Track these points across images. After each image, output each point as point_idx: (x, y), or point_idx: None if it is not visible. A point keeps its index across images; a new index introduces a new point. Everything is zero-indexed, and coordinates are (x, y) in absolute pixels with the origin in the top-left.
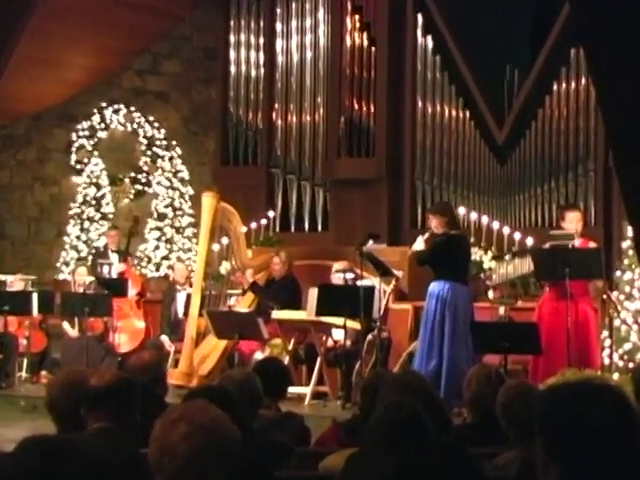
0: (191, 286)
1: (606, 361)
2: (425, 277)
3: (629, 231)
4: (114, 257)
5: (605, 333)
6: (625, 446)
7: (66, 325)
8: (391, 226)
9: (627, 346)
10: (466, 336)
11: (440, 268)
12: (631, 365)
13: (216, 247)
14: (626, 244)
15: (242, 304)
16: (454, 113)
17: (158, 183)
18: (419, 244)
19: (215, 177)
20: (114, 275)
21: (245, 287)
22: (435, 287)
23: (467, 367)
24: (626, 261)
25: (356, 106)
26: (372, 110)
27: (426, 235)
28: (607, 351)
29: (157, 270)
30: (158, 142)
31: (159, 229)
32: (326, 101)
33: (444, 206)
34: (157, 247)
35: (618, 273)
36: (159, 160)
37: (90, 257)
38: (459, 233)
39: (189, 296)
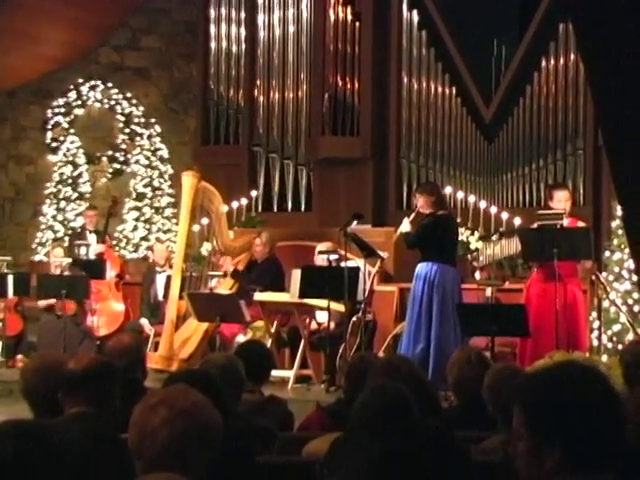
0: (171, 268)
1: (595, 343)
2: (411, 258)
3: (618, 210)
4: (92, 238)
5: (594, 314)
6: (613, 426)
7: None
8: (376, 206)
9: (616, 327)
10: (454, 319)
11: (427, 249)
12: (620, 347)
13: (197, 228)
14: (615, 224)
15: (223, 286)
16: (440, 90)
17: (137, 162)
18: (405, 226)
19: (195, 156)
20: (92, 256)
21: (226, 273)
22: (422, 269)
23: (453, 350)
24: (615, 241)
25: (340, 83)
26: (357, 87)
27: (412, 216)
28: (596, 333)
29: (136, 251)
30: (137, 120)
31: (138, 209)
32: (309, 77)
33: (431, 186)
34: (136, 228)
35: (607, 253)
36: (138, 138)
37: (67, 238)
38: (446, 213)
39: (169, 278)
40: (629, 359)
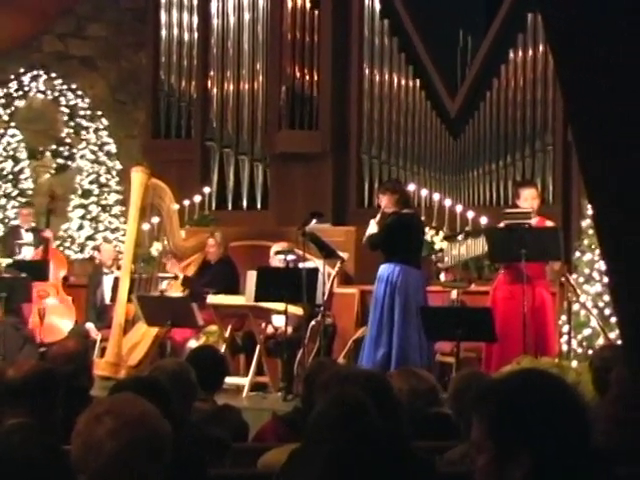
0: (119, 269)
1: (564, 348)
2: (372, 259)
3: (589, 209)
4: (28, 237)
5: (563, 318)
6: (580, 433)
7: None
8: (336, 204)
9: (586, 332)
10: (417, 323)
11: (390, 250)
12: (590, 352)
13: (146, 227)
14: (586, 223)
15: (175, 288)
16: (404, 82)
17: (82, 157)
18: (372, 228)
19: (145, 151)
20: (27, 257)
21: (177, 276)
22: (385, 270)
23: (418, 356)
24: (586, 241)
25: (298, 74)
26: (315, 78)
27: (377, 217)
28: (565, 337)
29: (81, 252)
30: (82, 112)
31: (83, 207)
32: (266, 68)
33: (394, 183)
34: (81, 226)
35: (577, 254)
36: (83, 132)
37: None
38: (411, 212)
39: (117, 280)
40: (599, 364)
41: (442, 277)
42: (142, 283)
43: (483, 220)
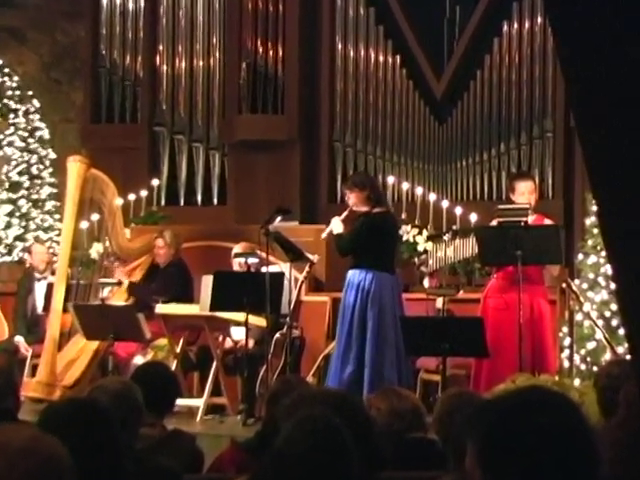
0: (53, 274)
1: (565, 364)
2: (346, 262)
3: (594, 205)
4: None
5: (564, 330)
6: (585, 462)
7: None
8: (304, 199)
9: (590, 345)
10: (394, 336)
11: (361, 254)
12: (595, 369)
13: (85, 225)
14: (590, 221)
15: (118, 296)
16: (382, 59)
17: (10, 144)
18: (336, 226)
19: (84, 137)
20: None
21: (120, 281)
22: (355, 276)
23: (395, 375)
24: (590, 242)
25: (261, 49)
26: (280, 54)
27: (344, 214)
28: (566, 352)
29: (9, 254)
30: (10, 92)
31: (12, 202)
32: (223, 43)
33: (362, 178)
34: (9, 225)
35: (580, 256)
36: (11, 115)
37: None
38: (383, 211)
39: (51, 286)
40: (605, 383)
41: (426, 283)
42: (80, 290)
43: (473, 217)
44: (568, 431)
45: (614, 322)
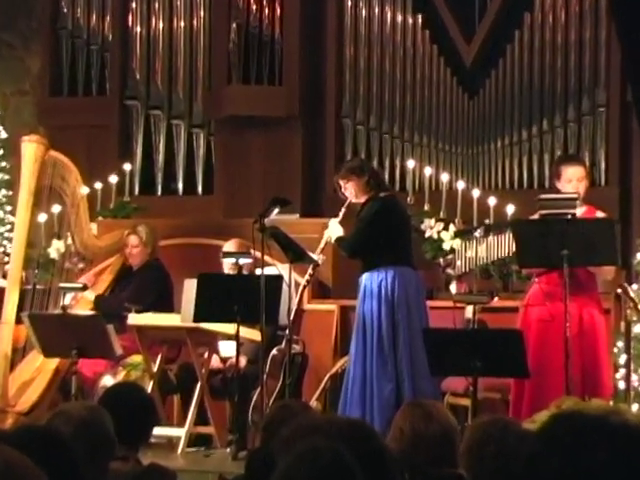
0: (5, 277)
1: (620, 385)
2: (356, 264)
3: None
4: None
5: (619, 345)
6: None
7: None
8: (307, 188)
9: None
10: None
11: (375, 250)
12: None
13: (43, 218)
14: None
15: (82, 304)
16: (401, 19)
17: None
18: (335, 229)
19: (41, 113)
20: None
21: (86, 286)
22: (372, 280)
23: (431, 386)
24: None
25: (254, 7)
26: (278, 13)
27: (341, 214)
28: (622, 371)
29: None
30: None
31: None
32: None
33: (358, 163)
34: None
35: (639, 256)
36: None
37: None
38: (390, 195)
39: (1, 292)
40: None
41: (453, 288)
42: (37, 297)
43: (509, 209)
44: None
45: None
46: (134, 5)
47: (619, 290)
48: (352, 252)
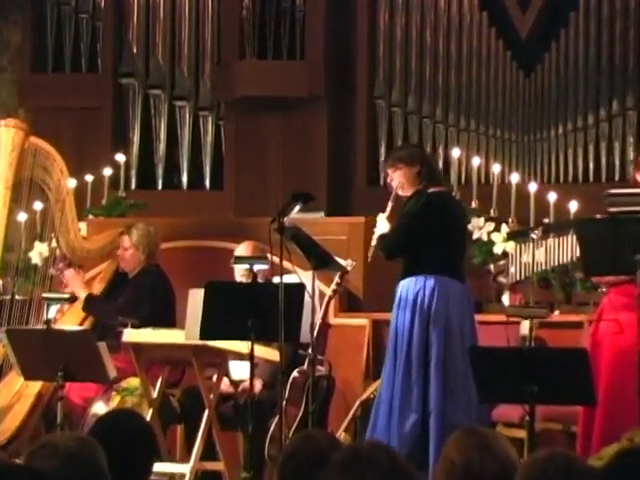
0: None
1: None
2: (393, 270)
3: None
4: None
5: None
6: None
7: None
8: (334, 181)
9: None
10: (464, 368)
11: (415, 254)
12: None
13: (23, 217)
14: None
15: (70, 317)
16: None
17: None
18: (382, 226)
19: (22, 92)
20: None
21: (74, 296)
22: (408, 288)
23: (466, 421)
24: None
25: None
26: None
27: (388, 209)
28: None
29: None
30: None
31: None
32: None
33: (411, 150)
34: None
35: None
36: None
37: None
38: (441, 190)
39: None
40: None
41: (506, 299)
42: (16, 309)
43: (573, 206)
44: None
45: None
46: None
47: None
48: (388, 252)
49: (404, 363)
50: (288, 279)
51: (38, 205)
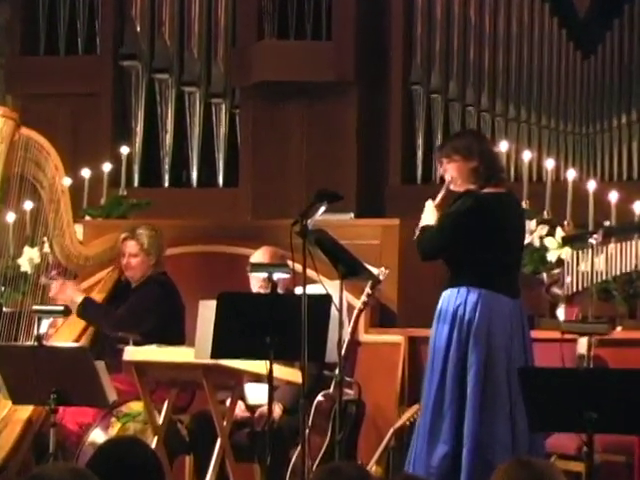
0: None
1: None
2: (432, 279)
3: None
4: None
5: None
6: None
7: None
8: (364, 178)
9: None
10: (509, 395)
11: (459, 264)
12: None
13: (11, 218)
14: None
15: (64, 332)
16: None
17: None
18: (429, 215)
19: (11, 77)
20: None
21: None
22: (450, 300)
23: (506, 457)
24: None
25: None
26: None
27: (439, 196)
28: None
29: None
30: None
31: None
32: None
33: (470, 141)
34: None
35: None
36: None
37: None
38: (500, 192)
39: None
40: None
41: (561, 314)
42: (4, 322)
43: (637, 207)
44: None
45: None
46: None
47: None
48: (423, 253)
49: (437, 385)
50: (312, 289)
51: (29, 205)
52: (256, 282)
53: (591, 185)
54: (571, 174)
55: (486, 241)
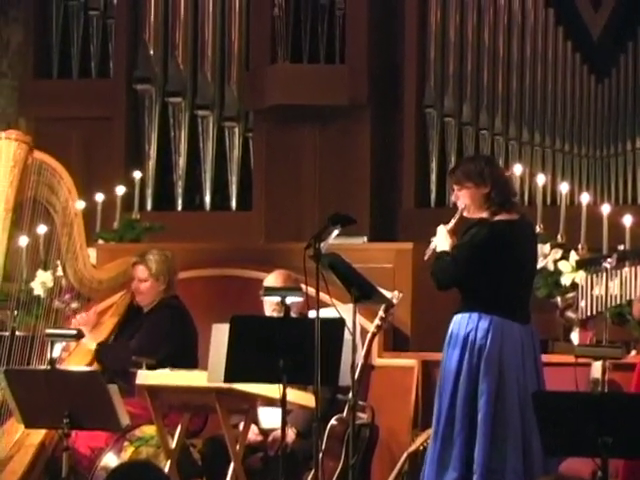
0: None
1: None
2: (446, 303)
3: None
4: None
5: None
6: None
7: None
8: (378, 202)
9: None
10: (521, 422)
11: (472, 289)
12: None
13: (24, 242)
14: None
15: (77, 356)
16: None
17: None
18: (442, 240)
19: (23, 100)
20: None
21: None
22: (461, 325)
23: None
24: None
25: None
26: None
27: (452, 222)
28: None
29: None
30: None
31: None
32: None
33: (482, 167)
34: None
35: None
36: None
37: None
38: (512, 219)
39: None
40: None
41: (575, 338)
42: (17, 346)
43: None
44: None
45: None
46: None
47: None
48: (438, 284)
49: (447, 409)
50: (325, 313)
51: (42, 229)
52: (269, 306)
53: (605, 209)
54: (585, 198)
55: (500, 270)
